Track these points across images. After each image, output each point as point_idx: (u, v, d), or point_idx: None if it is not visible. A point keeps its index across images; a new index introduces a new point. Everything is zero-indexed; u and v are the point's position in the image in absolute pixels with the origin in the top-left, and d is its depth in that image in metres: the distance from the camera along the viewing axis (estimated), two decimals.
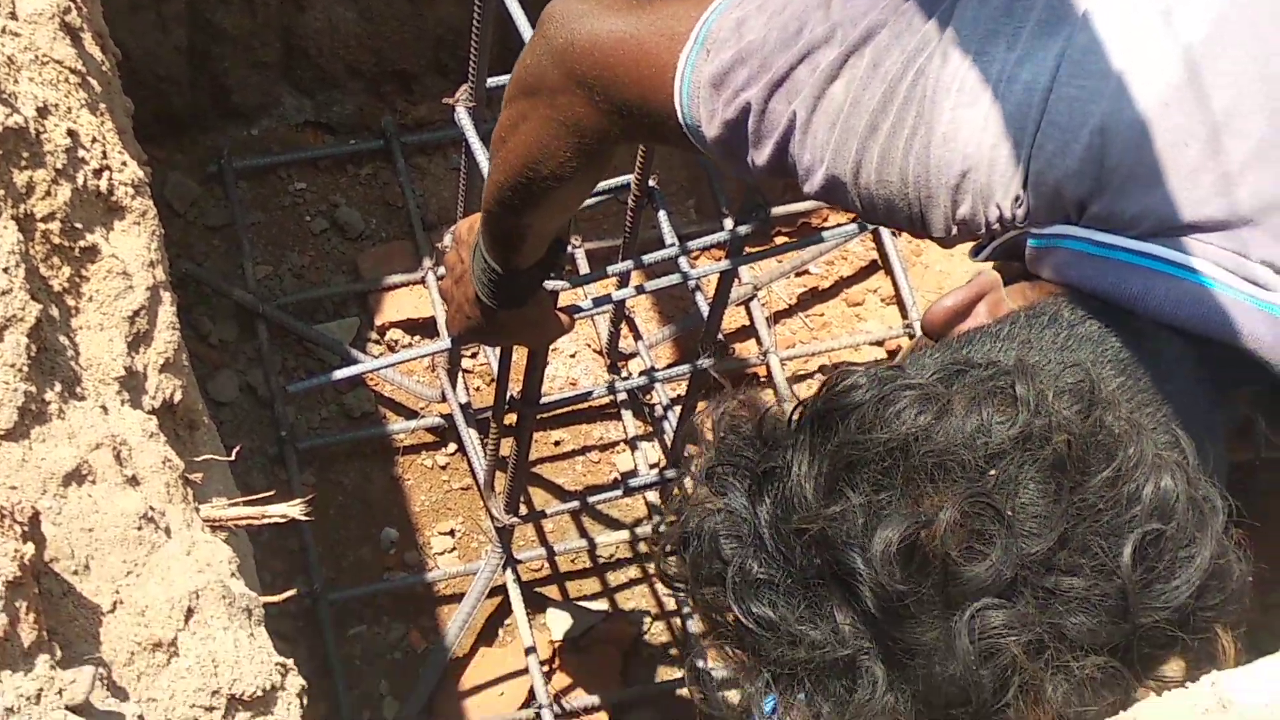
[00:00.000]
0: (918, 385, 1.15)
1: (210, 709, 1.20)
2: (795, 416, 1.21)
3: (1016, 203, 1.28)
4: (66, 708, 1.07)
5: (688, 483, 1.29)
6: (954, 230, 1.32)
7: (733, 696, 1.24)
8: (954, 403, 1.14)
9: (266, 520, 1.35)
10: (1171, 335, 1.26)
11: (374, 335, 2.62)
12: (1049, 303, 1.28)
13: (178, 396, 1.39)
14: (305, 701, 1.26)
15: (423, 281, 2.62)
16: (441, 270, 2.57)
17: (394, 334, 2.62)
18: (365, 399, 2.57)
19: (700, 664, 1.27)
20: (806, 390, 2.63)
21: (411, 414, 2.59)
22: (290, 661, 1.26)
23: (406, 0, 2.66)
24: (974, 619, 1.10)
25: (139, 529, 1.23)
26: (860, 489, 1.12)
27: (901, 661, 1.14)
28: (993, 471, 1.12)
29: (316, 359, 2.58)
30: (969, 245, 1.38)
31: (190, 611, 1.22)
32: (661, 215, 2.37)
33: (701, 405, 1.38)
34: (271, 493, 1.45)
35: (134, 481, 1.26)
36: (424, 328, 2.62)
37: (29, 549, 1.07)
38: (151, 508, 1.25)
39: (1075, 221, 1.27)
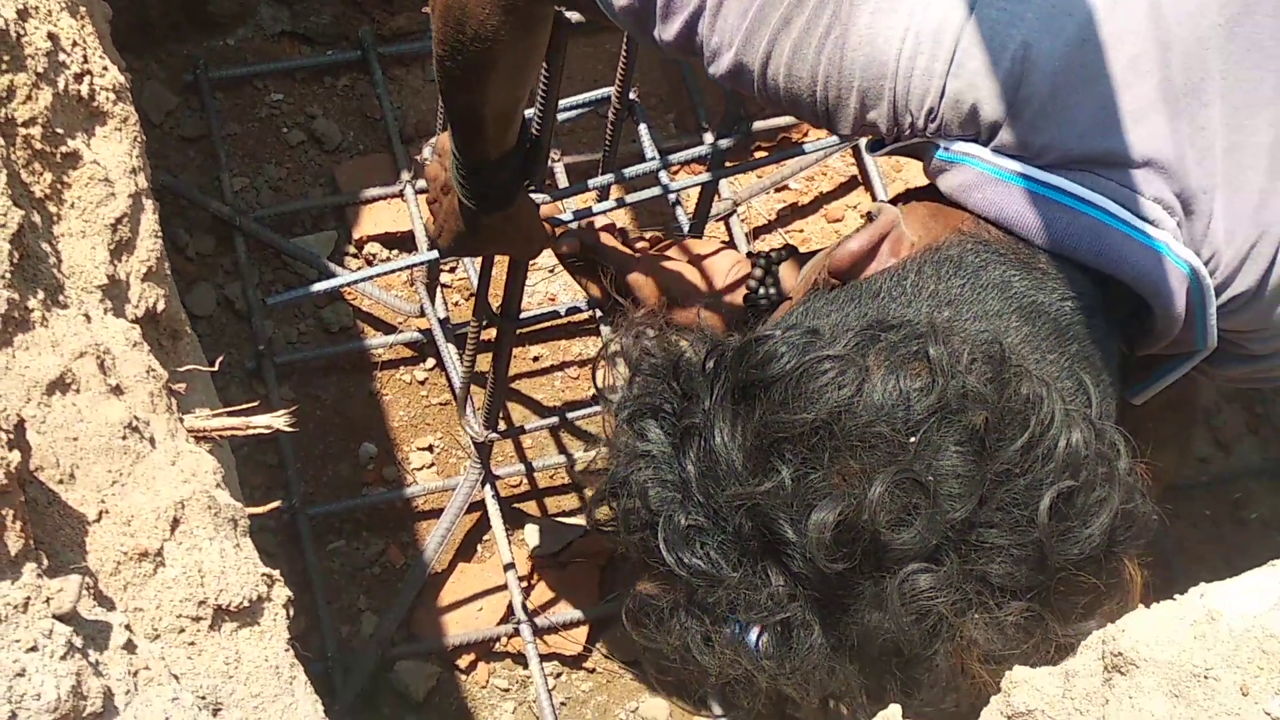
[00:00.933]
0: (838, 356, 1.18)
1: (197, 619, 1.20)
2: (710, 364, 1.23)
3: (930, 115, 1.29)
4: (54, 616, 1.06)
5: (608, 422, 1.31)
6: (859, 130, 1.34)
7: (669, 634, 1.26)
8: (872, 372, 1.17)
9: (251, 431, 1.35)
10: (1071, 269, 1.29)
11: (351, 249, 2.61)
12: (952, 243, 1.30)
13: (160, 306, 1.38)
14: (291, 613, 1.26)
15: (401, 195, 2.61)
16: (423, 183, 2.55)
17: (372, 248, 2.60)
18: (343, 313, 2.56)
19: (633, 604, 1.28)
20: None
21: (390, 329, 2.58)
22: (276, 573, 1.26)
23: None
24: (904, 583, 1.15)
25: (124, 438, 1.22)
26: (789, 463, 1.16)
27: (835, 618, 1.19)
28: (913, 440, 1.16)
29: (294, 272, 2.56)
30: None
31: (176, 521, 1.22)
32: (642, 129, 2.35)
33: (613, 333, 1.38)
34: (255, 404, 1.44)
35: (118, 391, 1.25)
36: (402, 242, 2.61)
37: (15, 457, 1.06)
38: (136, 417, 1.24)
39: (983, 142, 1.29)
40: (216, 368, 1.45)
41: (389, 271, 2.21)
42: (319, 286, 2.16)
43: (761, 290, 1.96)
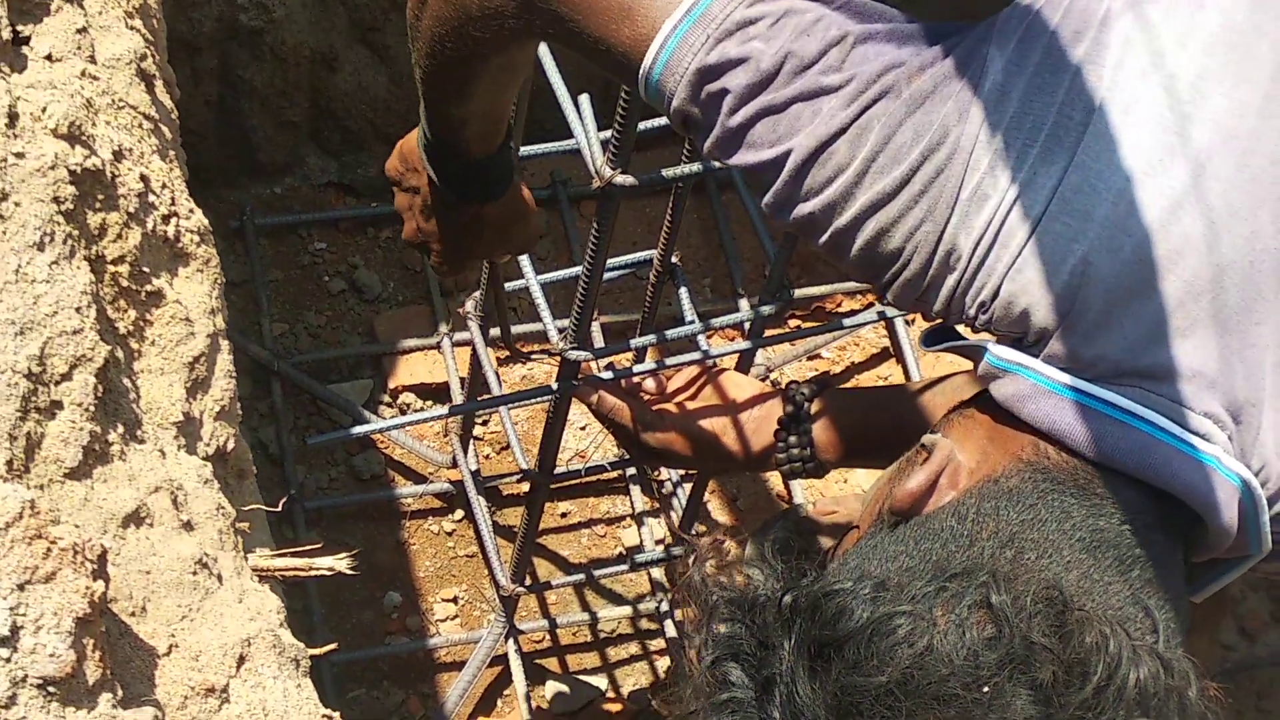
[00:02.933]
0: (906, 612, 1.20)
1: None
2: (785, 610, 1.26)
3: (981, 308, 1.32)
4: None
5: (690, 656, 1.33)
6: (915, 304, 1.37)
7: None
8: (940, 625, 1.19)
9: (313, 572, 1.36)
10: (1127, 486, 1.30)
11: (386, 398, 2.63)
12: (1011, 473, 1.32)
13: (230, 445, 1.41)
14: None
15: (438, 347, 2.64)
16: (460, 335, 2.58)
17: (406, 398, 2.63)
18: (375, 461, 2.58)
19: None
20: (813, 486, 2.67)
21: (420, 478, 2.59)
22: (337, 715, 1.27)
23: None
24: None
25: (194, 574, 1.24)
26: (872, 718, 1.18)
27: None
28: (985, 691, 1.17)
29: (329, 419, 2.59)
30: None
31: (242, 659, 1.23)
32: (682, 292, 2.39)
33: (683, 564, 1.40)
34: (319, 545, 1.46)
35: (189, 527, 1.27)
36: (437, 393, 2.64)
37: (99, 586, 1.08)
38: (205, 553, 1.26)
39: (1031, 348, 1.31)
40: (280, 508, 1.47)
41: (425, 420, 2.24)
42: (359, 430, 2.19)
43: (793, 427, 1.98)
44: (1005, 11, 1.39)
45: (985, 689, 1.17)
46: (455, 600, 2.54)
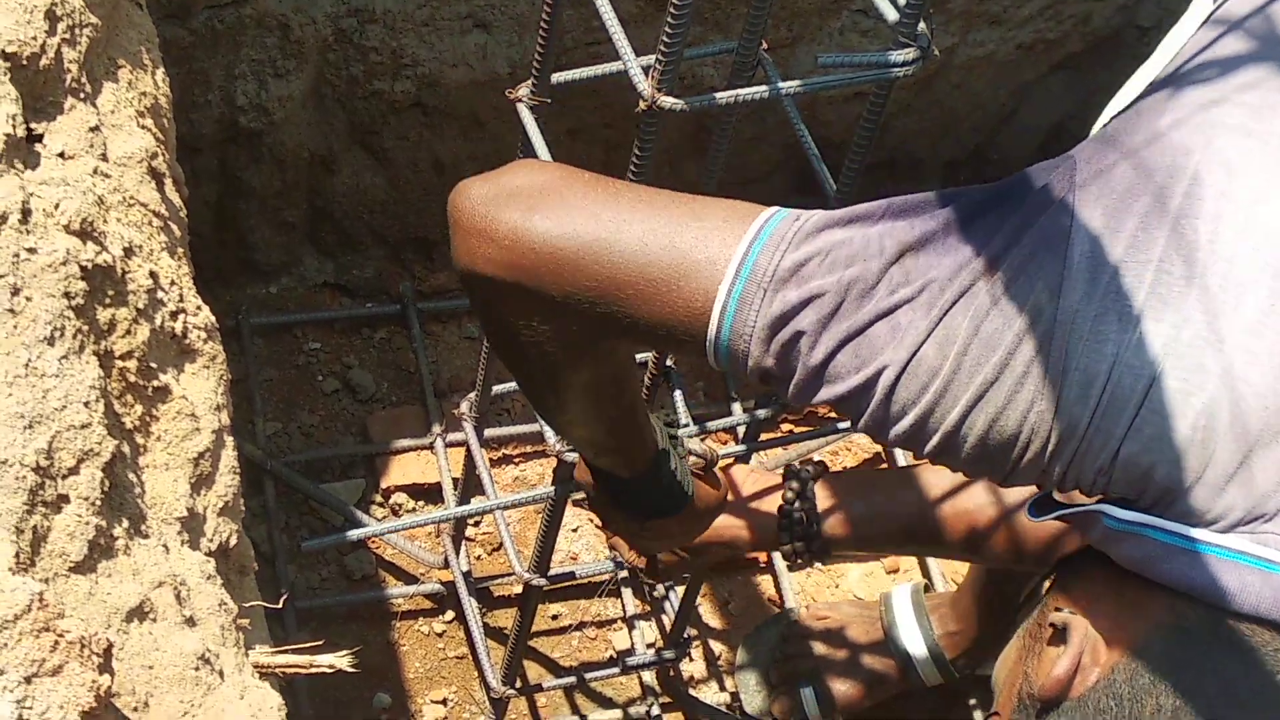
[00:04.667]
0: None
1: None
2: None
3: (1100, 473, 1.31)
4: None
5: None
6: (1028, 480, 1.35)
7: None
8: None
9: (314, 669, 1.36)
10: (1270, 631, 1.29)
11: (378, 498, 2.63)
12: (1154, 642, 1.31)
13: (233, 541, 1.41)
14: None
15: (430, 447, 2.65)
16: (454, 436, 2.59)
17: (398, 498, 2.63)
18: (366, 561, 2.58)
19: None
20: (804, 578, 2.67)
21: (411, 579, 2.59)
22: None
23: (433, 170, 2.71)
24: None
25: (196, 670, 1.24)
26: None
27: None
28: None
29: (320, 519, 2.58)
30: None
31: None
32: (677, 395, 2.40)
33: None
34: (320, 642, 1.46)
35: (191, 622, 1.27)
36: (429, 493, 2.64)
37: (105, 680, 1.08)
38: (208, 649, 1.26)
39: (1152, 508, 1.30)
40: (281, 605, 1.47)
41: (424, 523, 2.24)
42: (355, 534, 2.19)
43: (797, 505, 1.99)
44: (1070, 165, 1.38)
45: None
46: (445, 702, 2.53)
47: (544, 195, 1.40)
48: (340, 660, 1.36)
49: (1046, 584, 1.50)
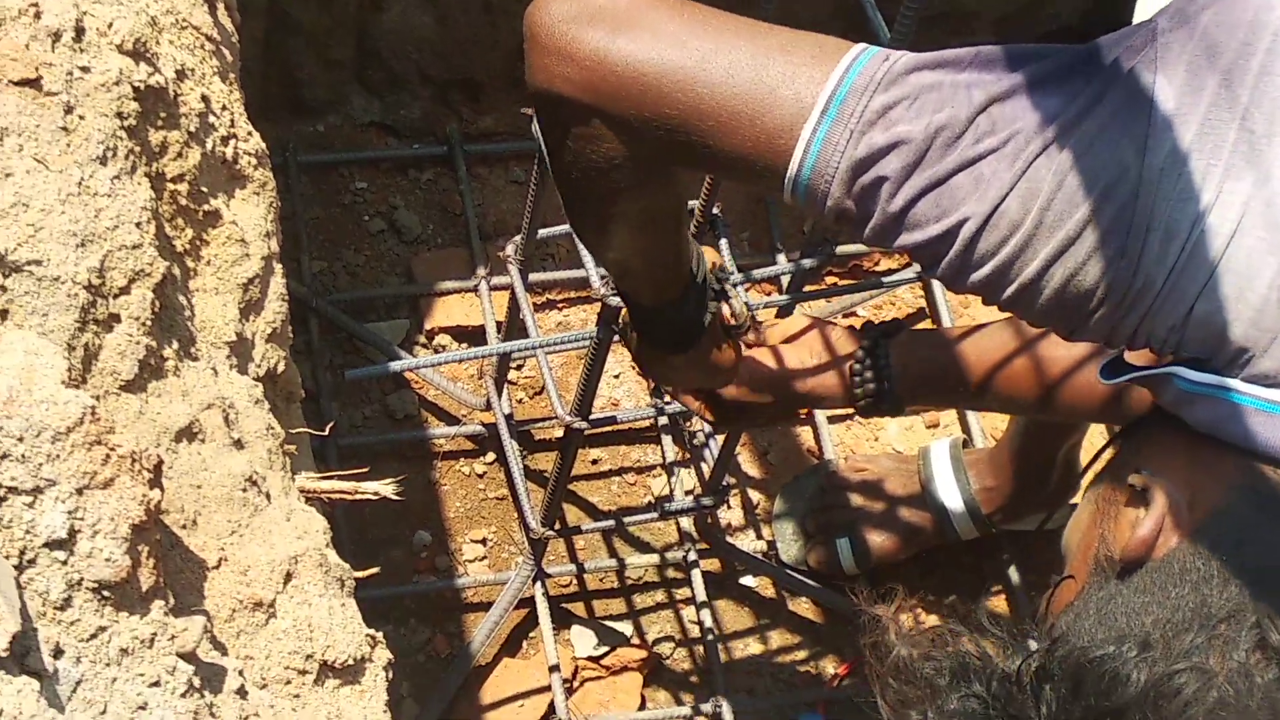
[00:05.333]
0: (1186, 669, 1.19)
1: (303, 672, 1.22)
2: (1034, 677, 1.25)
3: (1173, 331, 1.30)
4: (177, 654, 1.09)
5: None
6: (1098, 340, 1.35)
7: None
8: (1221, 674, 1.19)
9: (359, 496, 1.38)
10: None
11: (422, 339, 2.65)
12: (1234, 504, 1.29)
13: (280, 367, 1.42)
14: (391, 675, 1.28)
15: (475, 290, 2.65)
16: (498, 280, 2.59)
17: (442, 339, 2.64)
18: (409, 401, 2.60)
19: None
20: (844, 430, 2.68)
21: (453, 420, 2.61)
22: (380, 634, 1.28)
23: (483, 10, 2.69)
24: None
25: (243, 491, 1.26)
26: None
27: None
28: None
29: (364, 357, 2.60)
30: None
31: (289, 575, 1.25)
32: (723, 244, 2.40)
33: (872, 637, 1.38)
34: (365, 469, 1.47)
35: (239, 445, 1.29)
36: (473, 336, 2.65)
37: (155, 495, 1.10)
38: (255, 472, 1.28)
39: (1226, 369, 1.29)
40: (328, 433, 1.49)
41: (464, 358, 2.25)
42: (397, 365, 2.20)
43: (870, 361, 1.98)
44: (1151, 27, 1.36)
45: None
46: (484, 542, 2.56)
47: (629, 16, 1.37)
48: (386, 488, 1.37)
49: (1112, 449, 1.50)
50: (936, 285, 2.77)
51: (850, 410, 2.35)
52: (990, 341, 2.01)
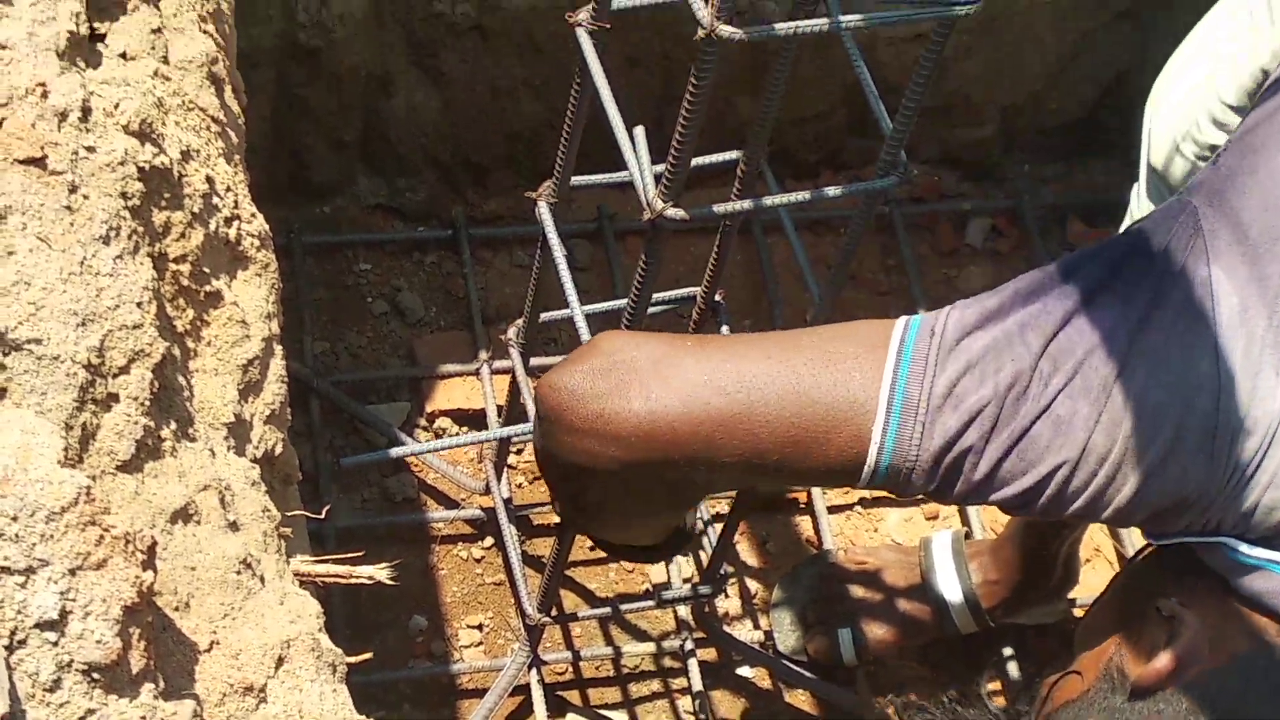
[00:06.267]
0: None
1: None
2: None
3: (1244, 518, 1.32)
4: None
5: None
6: (1152, 523, 1.38)
7: None
8: None
9: (354, 580, 1.37)
10: None
11: (423, 422, 2.64)
12: (1255, 654, 1.33)
13: (278, 449, 1.42)
14: None
15: (476, 373, 2.65)
16: (500, 364, 2.59)
17: (443, 422, 2.64)
18: (408, 484, 2.59)
19: None
20: (843, 520, 2.67)
21: (452, 504, 2.60)
22: None
23: (489, 94, 2.71)
24: None
25: (238, 573, 1.25)
26: None
27: None
28: None
29: (364, 439, 2.60)
30: None
31: (281, 660, 1.23)
32: (724, 330, 2.40)
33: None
34: (361, 553, 1.47)
35: (235, 527, 1.28)
36: (473, 419, 2.64)
37: (148, 577, 1.09)
38: (250, 554, 1.27)
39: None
40: (324, 516, 1.48)
41: (465, 444, 2.25)
42: (396, 452, 2.20)
43: None
44: (1191, 209, 1.36)
45: None
46: (480, 627, 2.54)
47: (656, 371, 1.34)
48: (380, 572, 1.37)
49: (1144, 562, 1.50)
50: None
51: (850, 500, 2.35)
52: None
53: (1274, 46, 1.79)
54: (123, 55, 1.31)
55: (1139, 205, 2.14)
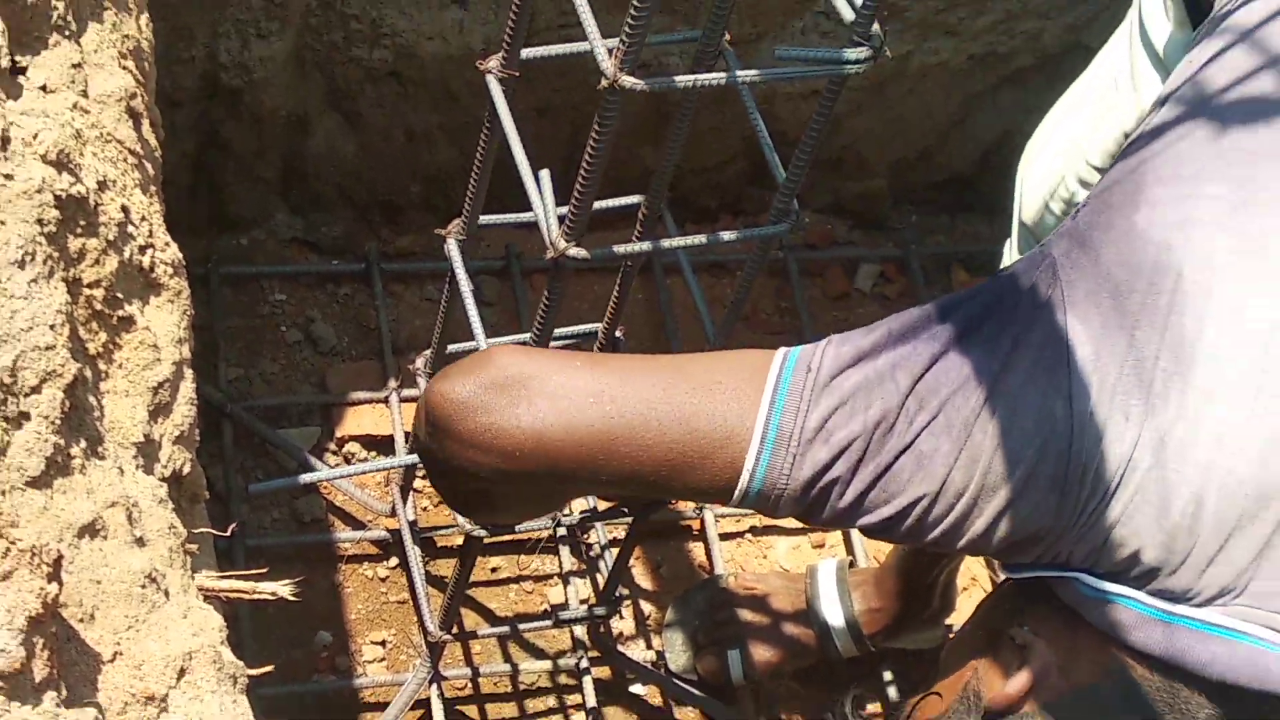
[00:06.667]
0: None
1: None
2: None
3: (1092, 553, 1.34)
4: None
5: None
6: (1007, 551, 1.39)
7: None
8: None
9: (256, 595, 1.36)
10: (1201, 689, 1.34)
11: (332, 446, 2.63)
12: (1103, 688, 1.36)
13: (186, 469, 1.40)
14: None
15: (385, 401, 2.64)
16: (408, 392, 2.58)
17: (351, 447, 2.63)
18: (316, 505, 2.57)
19: None
20: (734, 548, 2.68)
21: (359, 525, 2.59)
22: None
23: (404, 138, 2.71)
24: None
25: (143, 587, 1.24)
26: None
27: None
28: None
29: (275, 462, 2.58)
30: None
31: (183, 671, 1.22)
32: None
33: None
34: (264, 569, 1.46)
35: (141, 542, 1.27)
36: (381, 445, 2.63)
37: (53, 589, 1.08)
38: (155, 569, 1.26)
39: (1133, 580, 1.33)
40: (229, 534, 1.47)
41: (371, 470, 2.24)
42: (306, 478, 2.19)
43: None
44: (1050, 261, 1.38)
45: None
46: (384, 643, 2.53)
47: (540, 384, 1.35)
48: (283, 589, 1.36)
49: (1006, 591, 1.52)
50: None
51: (741, 529, 2.36)
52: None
53: (1136, 110, 1.83)
54: (43, 88, 1.30)
55: (1010, 259, 2.18)
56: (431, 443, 1.42)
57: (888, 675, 2.58)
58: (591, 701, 2.47)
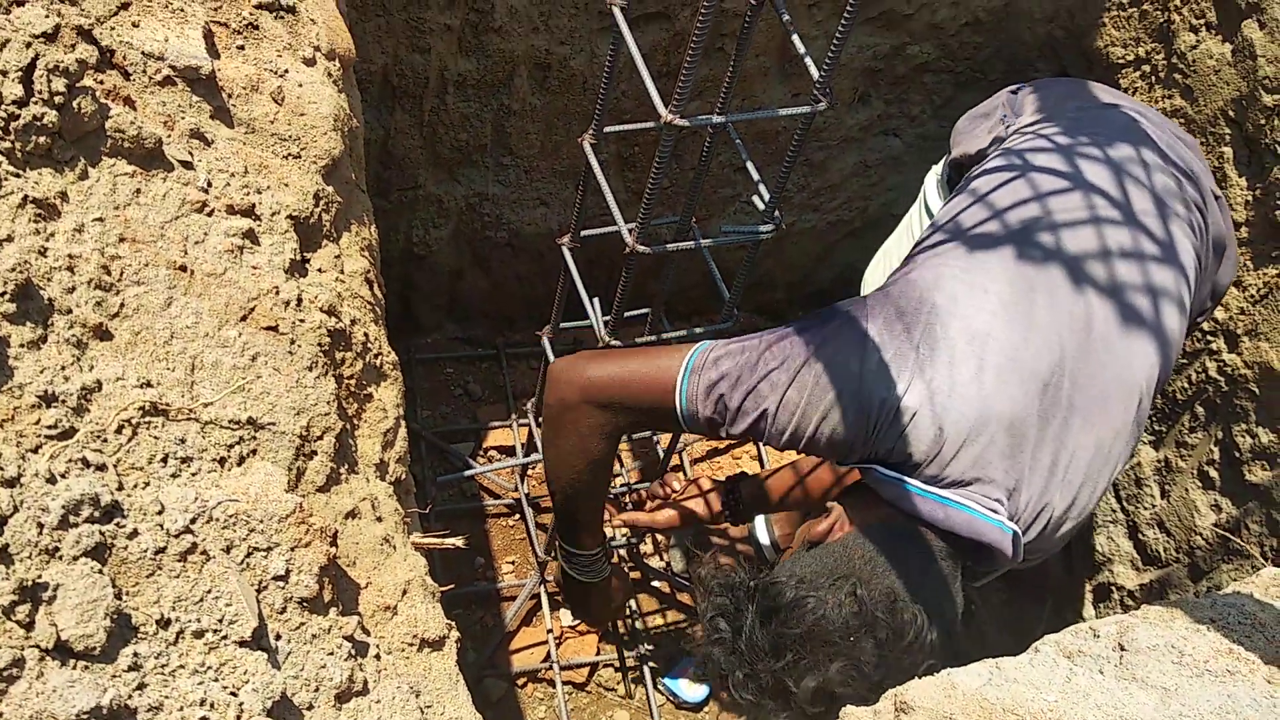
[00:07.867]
0: (813, 596, 1.26)
1: (411, 645, 1.20)
2: (750, 590, 1.28)
3: (886, 454, 1.33)
4: (343, 637, 1.07)
5: (700, 610, 1.38)
6: (846, 458, 1.38)
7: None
8: (830, 604, 1.26)
9: (443, 545, 1.36)
10: (939, 536, 1.33)
11: (481, 453, 2.62)
12: (877, 525, 1.35)
13: (403, 476, 1.41)
14: (459, 646, 1.26)
15: (509, 426, 2.63)
16: (515, 417, 2.57)
17: (492, 453, 2.62)
18: (473, 488, 2.57)
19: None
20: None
21: (497, 496, 2.58)
22: (453, 623, 1.26)
23: (515, 281, 2.71)
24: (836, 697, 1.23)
25: (380, 546, 1.24)
26: (792, 650, 1.25)
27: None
28: (851, 639, 1.24)
29: (449, 464, 2.57)
30: None
31: (405, 591, 1.23)
32: None
33: (703, 563, 1.44)
34: (447, 532, 1.45)
35: (379, 520, 1.27)
36: (508, 451, 2.63)
37: (333, 550, 1.08)
38: (388, 534, 1.26)
39: (904, 468, 1.34)
40: (427, 510, 1.47)
41: (503, 467, 2.24)
42: (468, 473, 2.18)
43: (731, 502, 2.00)
44: (862, 300, 1.40)
45: (851, 639, 1.22)
46: (513, 563, 2.52)
47: (593, 362, 1.46)
48: (457, 541, 1.36)
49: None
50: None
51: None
52: (782, 478, 2.03)
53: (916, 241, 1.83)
54: (319, 270, 1.32)
55: None
56: (549, 388, 1.48)
57: None
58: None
